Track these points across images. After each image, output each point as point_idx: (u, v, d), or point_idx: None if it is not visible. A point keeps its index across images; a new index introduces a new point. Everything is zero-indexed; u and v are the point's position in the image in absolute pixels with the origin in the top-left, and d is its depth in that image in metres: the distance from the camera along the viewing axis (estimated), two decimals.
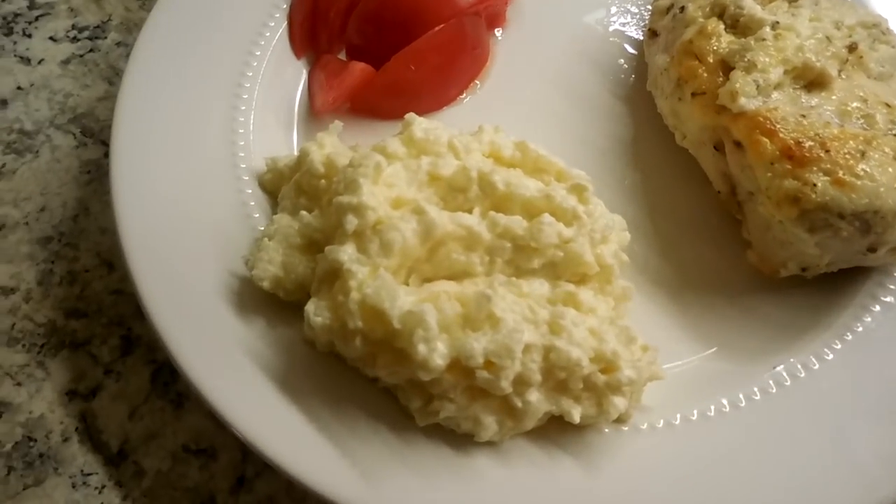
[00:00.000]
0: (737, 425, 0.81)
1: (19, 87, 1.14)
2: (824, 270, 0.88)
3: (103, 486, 0.87)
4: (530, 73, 1.10)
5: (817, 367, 0.84)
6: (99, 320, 0.96)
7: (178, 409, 0.91)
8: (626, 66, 1.10)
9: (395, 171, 0.83)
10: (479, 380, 0.74)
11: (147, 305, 0.84)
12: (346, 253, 0.77)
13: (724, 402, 0.82)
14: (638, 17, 1.14)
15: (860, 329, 0.87)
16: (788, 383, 0.83)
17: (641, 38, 1.12)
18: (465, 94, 1.08)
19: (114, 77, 1.15)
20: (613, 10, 1.15)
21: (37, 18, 1.21)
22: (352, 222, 0.78)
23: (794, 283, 0.91)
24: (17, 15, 1.21)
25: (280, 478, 0.86)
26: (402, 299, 0.74)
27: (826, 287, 0.91)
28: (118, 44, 1.19)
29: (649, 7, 1.11)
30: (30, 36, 1.19)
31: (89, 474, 0.87)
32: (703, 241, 0.96)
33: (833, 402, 0.82)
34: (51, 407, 0.91)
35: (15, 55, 1.17)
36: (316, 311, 0.77)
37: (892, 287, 0.89)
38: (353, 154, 0.88)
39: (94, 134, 1.11)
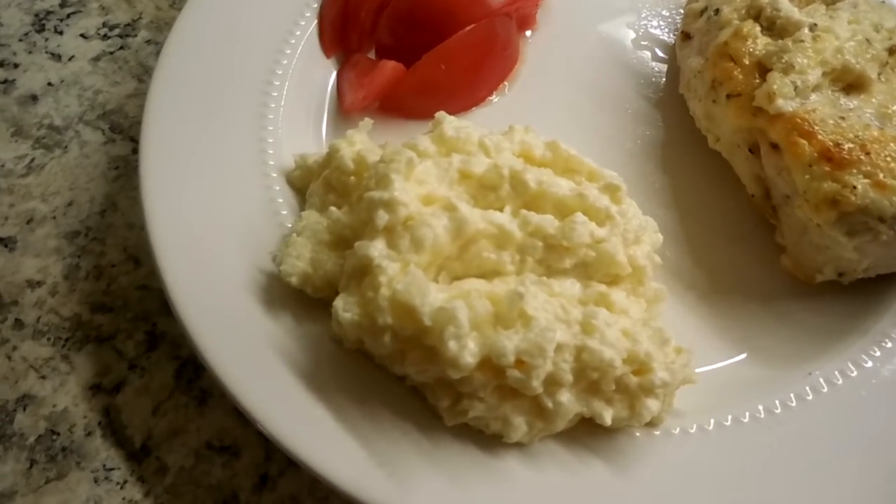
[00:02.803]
0: (772, 432, 0.79)
1: (49, 84, 1.15)
2: (861, 276, 0.87)
3: (125, 482, 0.86)
4: (559, 75, 1.09)
5: (855, 373, 0.83)
6: (124, 315, 0.96)
7: (201, 406, 0.90)
8: (656, 69, 1.10)
9: (426, 169, 0.82)
10: (510, 379, 0.73)
11: (174, 301, 0.83)
12: (377, 248, 0.76)
13: (760, 408, 0.80)
14: (669, 20, 1.14)
15: None
16: (825, 390, 0.82)
17: (672, 41, 1.11)
18: (494, 95, 1.07)
19: (143, 74, 1.16)
20: (644, 13, 1.14)
21: (68, 16, 1.22)
22: (383, 218, 0.77)
23: (830, 288, 0.89)
24: (49, 12, 1.22)
25: (303, 476, 0.85)
26: (432, 296, 0.73)
27: (863, 293, 0.89)
28: (148, 42, 1.19)
29: (681, 11, 1.10)
30: (61, 33, 1.20)
31: (112, 469, 0.87)
32: (736, 246, 0.95)
33: (871, 410, 0.80)
34: (74, 401, 0.91)
35: (46, 52, 1.18)
36: (345, 307, 0.76)
37: None
38: (383, 151, 0.88)
39: (123, 130, 1.11)
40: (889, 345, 0.84)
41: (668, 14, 1.14)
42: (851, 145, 0.81)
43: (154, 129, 0.95)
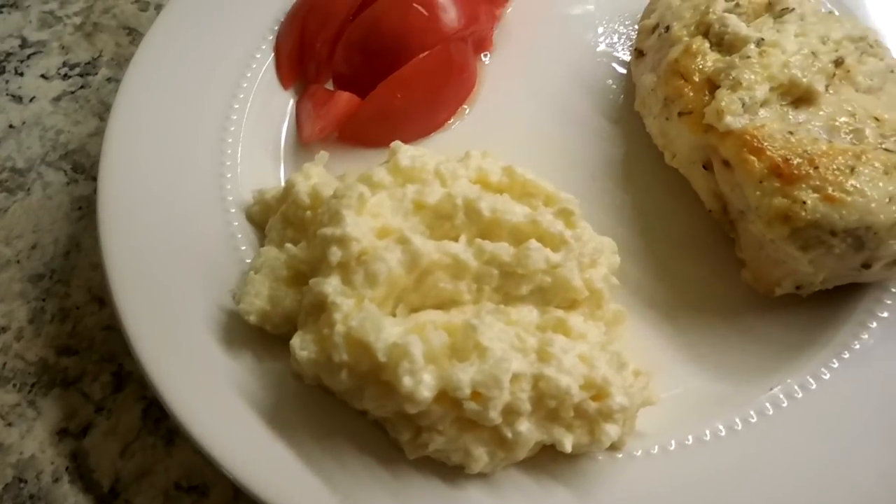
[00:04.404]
0: (733, 449, 0.79)
1: (11, 126, 1.15)
2: (820, 288, 0.87)
3: None
4: (518, 96, 1.09)
5: (815, 387, 0.83)
6: (90, 357, 0.96)
7: (169, 446, 0.90)
8: (614, 86, 1.10)
9: (380, 201, 0.82)
10: (468, 411, 0.73)
11: (133, 342, 0.84)
12: (331, 285, 0.77)
13: (720, 426, 0.81)
14: (625, 36, 1.14)
15: (857, 346, 0.85)
16: (786, 405, 0.82)
17: (629, 58, 1.11)
18: (453, 120, 1.07)
19: (104, 113, 1.16)
20: (601, 30, 1.15)
21: (28, 57, 1.22)
22: (336, 254, 0.77)
23: (790, 301, 0.89)
24: (9, 54, 1.22)
25: None
26: (387, 331, 0.73)
27: (822, 304, 0.89)
28: (109, 79, 1.19)
29: (636, 27, 1.10)
30: (22, 74, 1.20)
31: None
32: (697, 261, 0.95)
33: (832, 423, 0.80)
34: (42, 447, 0.90)
35: (7, 94, 1.18)
36: (301, 345, 0.76)
37: (888, 303, 0.88)
38: (339, 183, 0.88)
39: (86, 170, 1.11)
40: (848, 356, 0.84)
41: (624, 31, 1.14)
42: (800, 160, 0.82)
43: (112, 168, 0.96)
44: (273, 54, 1.08)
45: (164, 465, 0.89)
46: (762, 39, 0.90)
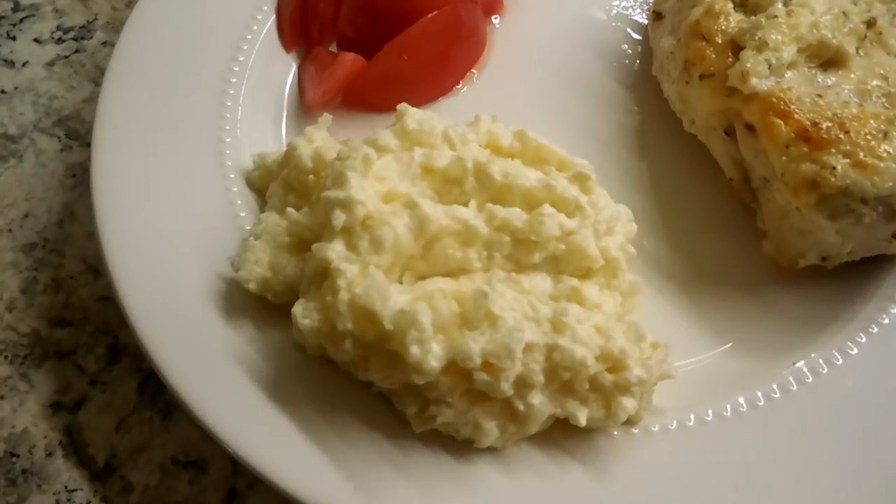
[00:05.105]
0: (755, 426, 0.76)
1: (3, 91, 1.11)
2: (846, 260, 0.83)
3: (88, 503, 0.83)
4: (530, 61, 1.05)
5: (841, 362, 0.79)
6: (84, 329, 0.93)
7: (166, 420, 0.87)
8: (629, 51, 1.06)
9: (386, 164, 0.79)
10: (478, 382, 0.69)
11: (129, 312, 0.80)
12: (335, 251, 0.73)
13: (742, 401, 0.77)
14: (641, 0, 1.10)
15: (886, 321, 0.82)
16: (810, 380, 0.78)
17: (645, 21, 1.07)
18: (461, 85, 1.03)
19: (100, 78, 1.11)
20: None
21: (21, 20, 1.17)
22: (340, 218, 0.73)
23: (814, 273, 0.86)
24: (1, 18, 1.18)
25: (273, 490, 0.81)
26: (393, 299, 0.70)
27: (848, 277, 0.85)
28: (104, 43, 1.15)
29: None
30: (14, 38, 1.16)
31: (74, 490, 0.83)
32: (716, 232, 0.91)
33: (858, 400, 0.77)
34: (34, 420, 0.87)
35: None
36: (304, 313, 0.73)
37: None
38: (342, 147, 0.84)
39: (80, 136, 1.07)
40: (875, 330, 0.81)
41: None
42: (830, 124, 0.78)
43: (107, 133, 0.92)
44: (274, 16, 1.03)
45: (160, 439, 0.86)
46: None
